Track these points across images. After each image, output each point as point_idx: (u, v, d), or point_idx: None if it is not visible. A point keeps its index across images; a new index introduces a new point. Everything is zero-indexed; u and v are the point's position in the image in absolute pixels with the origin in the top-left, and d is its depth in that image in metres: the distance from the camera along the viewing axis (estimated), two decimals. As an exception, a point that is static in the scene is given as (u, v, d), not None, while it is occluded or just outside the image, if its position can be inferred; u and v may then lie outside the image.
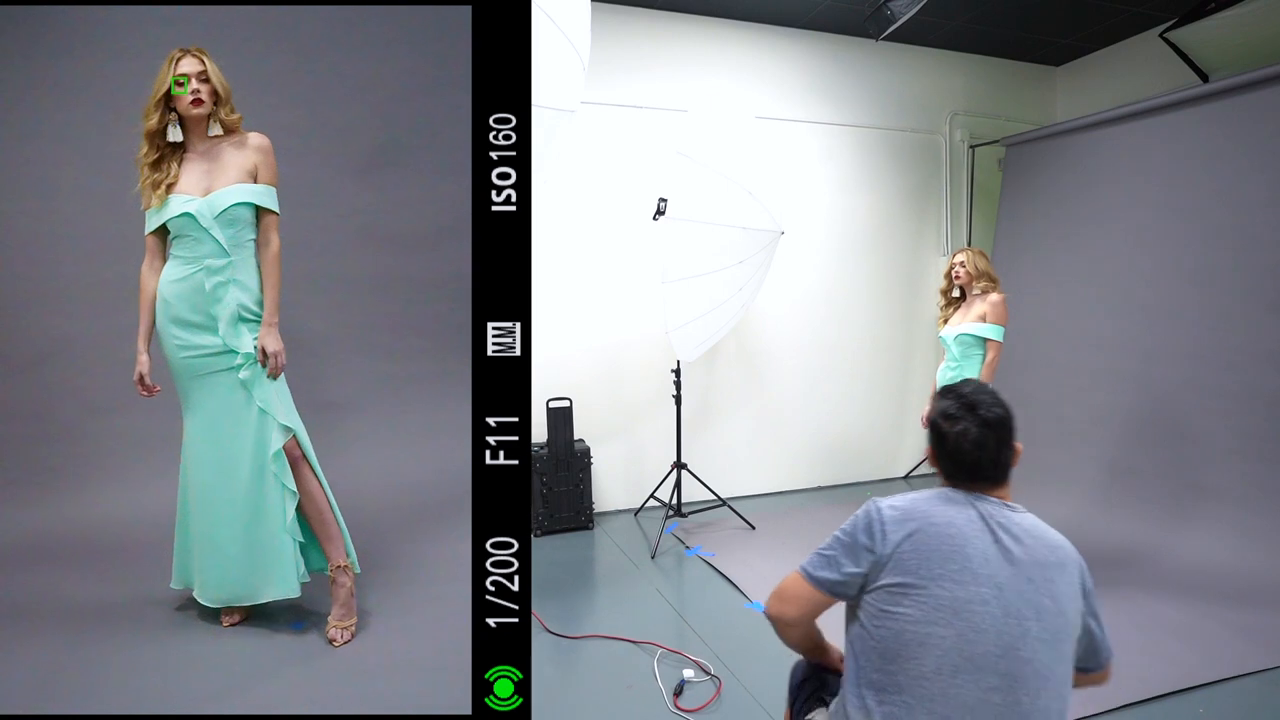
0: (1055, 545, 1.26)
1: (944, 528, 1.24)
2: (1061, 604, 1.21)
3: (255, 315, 2.31)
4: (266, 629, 2.42)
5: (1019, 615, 1.18)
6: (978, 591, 1.19)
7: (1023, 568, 1.21)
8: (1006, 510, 1.28)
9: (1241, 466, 3.53)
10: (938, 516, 1.26)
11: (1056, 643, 1.19)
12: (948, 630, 1.18)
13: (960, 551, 1.22)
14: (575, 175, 4.28)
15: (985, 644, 1.17)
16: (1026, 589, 1.20)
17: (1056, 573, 1.22)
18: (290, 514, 2.32)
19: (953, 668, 1.17)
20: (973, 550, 1.22)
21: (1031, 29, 4.80)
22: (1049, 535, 1.27)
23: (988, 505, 1.28)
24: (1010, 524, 1.25)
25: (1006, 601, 1.18)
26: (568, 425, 4.06)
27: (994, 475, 1.31)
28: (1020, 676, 1.16)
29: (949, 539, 1.23)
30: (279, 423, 2.30)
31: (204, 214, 2.22)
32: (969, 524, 1.25)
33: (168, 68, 2.20)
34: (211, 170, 2.27)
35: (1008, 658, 1.17)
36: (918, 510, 1.28)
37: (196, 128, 2.26)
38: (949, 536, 1.23)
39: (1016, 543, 1.23)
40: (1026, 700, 1.16)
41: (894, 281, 5.19)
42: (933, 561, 1.22)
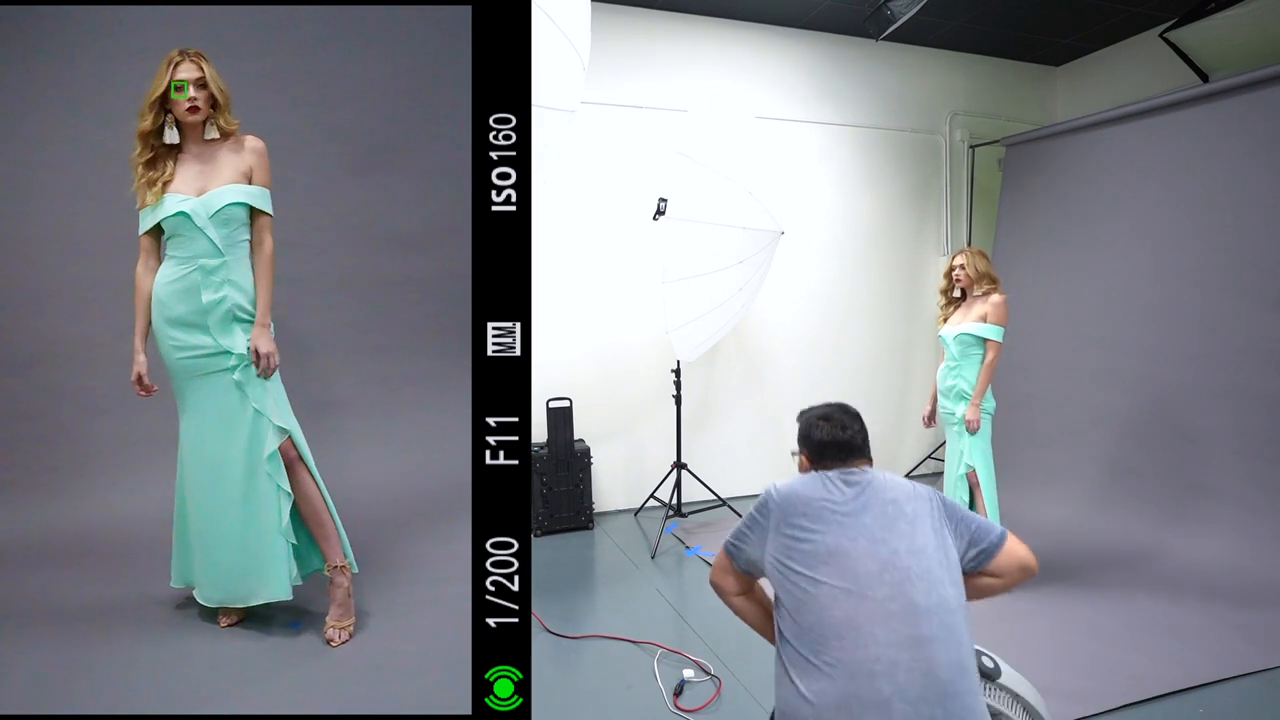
0: (902, 485, 1.52)
1: (813, 493, 1.50)
2: (916, 522, 1.44)
3: (249, 315, 2.31)
4: (264, 629, 2.42)
5: (884, 538, 1.40)
6: (845, 532, 1.42)
7: (875, 503, 1.46)
8: (855, 473, 1.54)
9: (1241, 466, 3.53)
10: (807, 487, 1.52)
11: (925, 550, 1.40)
12: (832, 569, 1.38)
13: (826, 508, 1.46)
14: (575, 175, 4.28)
15: (865, 567, 1.37)
16: (882, 518, 1.44)
17: (905, 503, 1.47)
18: (284, 516, 2.32)
19: (845, 593, 1.35)
20: (835, 503, 1.47)
21: (1031, 29, 4.80)
22: (891, 479, 1.54)
23: (842, 474, 1.54)
24: (867, 479, 1.52)
25: (871, 531, 1.41)
26: (568, 425, 4.06)
27: (863, 449, 1.62)
28: (907, 581, 1.35)
29: (818, 501, 1.48)
30: (274, 424, 2.30)
31: (199, 213, 2.22)
32: (832, 488, 1.50)
33: (165, 70, 2.20)
34: (206, 171, 2.27)
35: (889, 569, 1.36)
36: (797, 485, 1.54)
37: (193, 131, 2.27)
38: (818, 500, 1.48)
39: (870, 491, 1.49)
40: (921, 599, 1.33)
41: (894, 281, 5.19)
42: (806, 519, 1.46)
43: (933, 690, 1.26)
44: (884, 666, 1.27)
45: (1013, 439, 4.26)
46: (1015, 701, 1.57)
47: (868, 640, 1.29)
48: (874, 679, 1.26)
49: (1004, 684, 1.57)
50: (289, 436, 2.33)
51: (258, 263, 2.33)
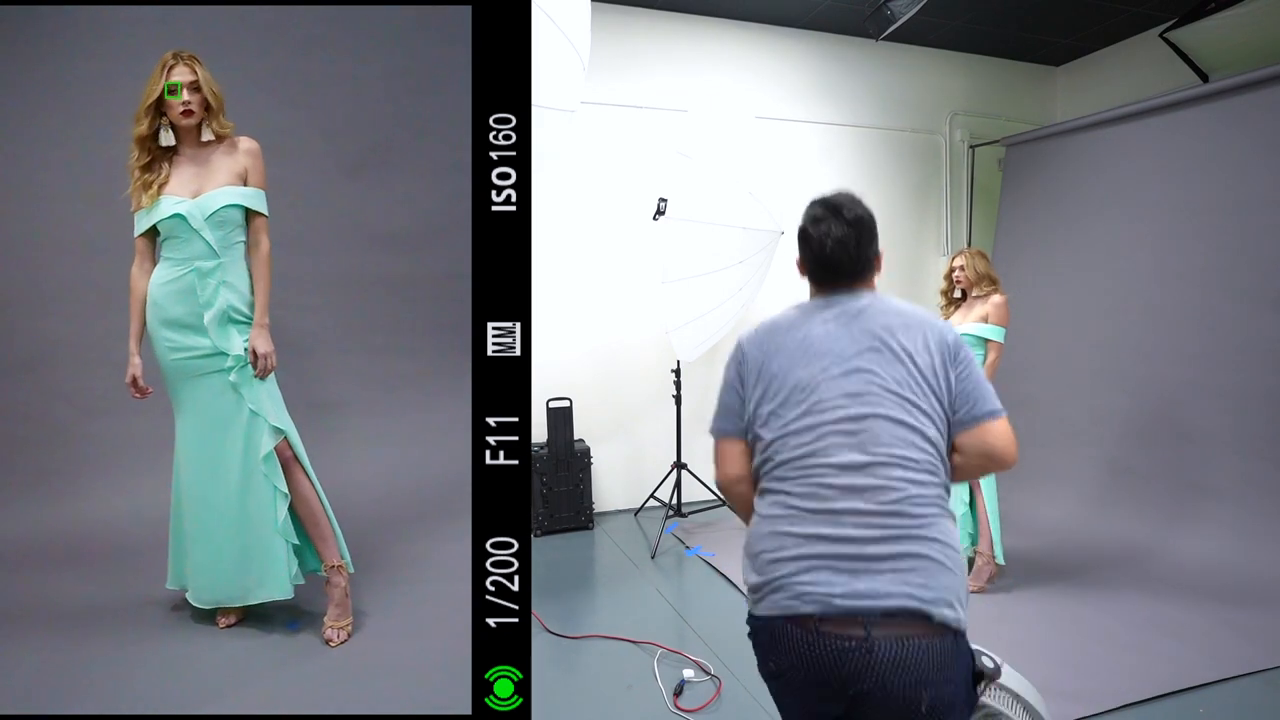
0: (894, 310, 1.33)
1: (792, 331, 1.34)
2: (905, 354, 1.26)
3: (245, 317, 2.31)
4: (263, 630, 2.42)
5: (860, 370, 1.26)
6: (820, 364, 1.28)
7: (862, 326, 1.29)
8: (848, 299, 1.35)
9: (1242, 466, 3.53)
10: (788, 325, 1.36)
11: (910, 386, 1.25)
12: (800, 408, 1.27)
13: (804, 343, 1.31)
14: (575, 175, 4.28)
15: (833, 407, 1.25)
16: (866, 342, 1.28)
17: (901, 332, 1.28)
18: (282, 515, 2.32)
19: (810, 432, 1.25)
20: (814, 335, 1.31)
21: (1031, 29, 4.80)
22: (888, 305, 1.34)
23: (830, 301, 1.36)
24: (856, 306, 1.33)
25: (848, 361, 1.27)
26: (568, 425, 4.06)
27: (854, 271, 1.37)
28: (866, 428, 1.23)
29: (796, 339, 1.32)
30: (270, 424, 2.30)
31: (194, 215, 2.22)
32: (816, 320, 1.34)
33: (160, 73, 2.20)
34: (201, 173, 2.27)
35: (865, 416, 1.23)
36: (775, 325, 1.37)
37: (188, 134, 2.27)
38: (797, 338, 1.32)
39: (859, 315, 1.31)
40: (890, 439, 1.22)
41: (894, 282, 5.18)
42: (782, 357, 1.31)
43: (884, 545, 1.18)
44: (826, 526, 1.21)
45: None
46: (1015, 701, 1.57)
47: (822, 488, 1.23)
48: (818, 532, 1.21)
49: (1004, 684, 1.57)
50: (284, 437, 2.34)
51: (254, 263, 2.33)
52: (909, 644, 1.14)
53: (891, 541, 1.17)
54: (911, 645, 1.14)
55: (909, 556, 1.17)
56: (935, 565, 1.17)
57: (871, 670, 1.13)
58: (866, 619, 1.14)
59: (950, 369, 1.28)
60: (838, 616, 1.15)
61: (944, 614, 1.15)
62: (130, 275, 2.32)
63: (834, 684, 1.17)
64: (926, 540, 1.18)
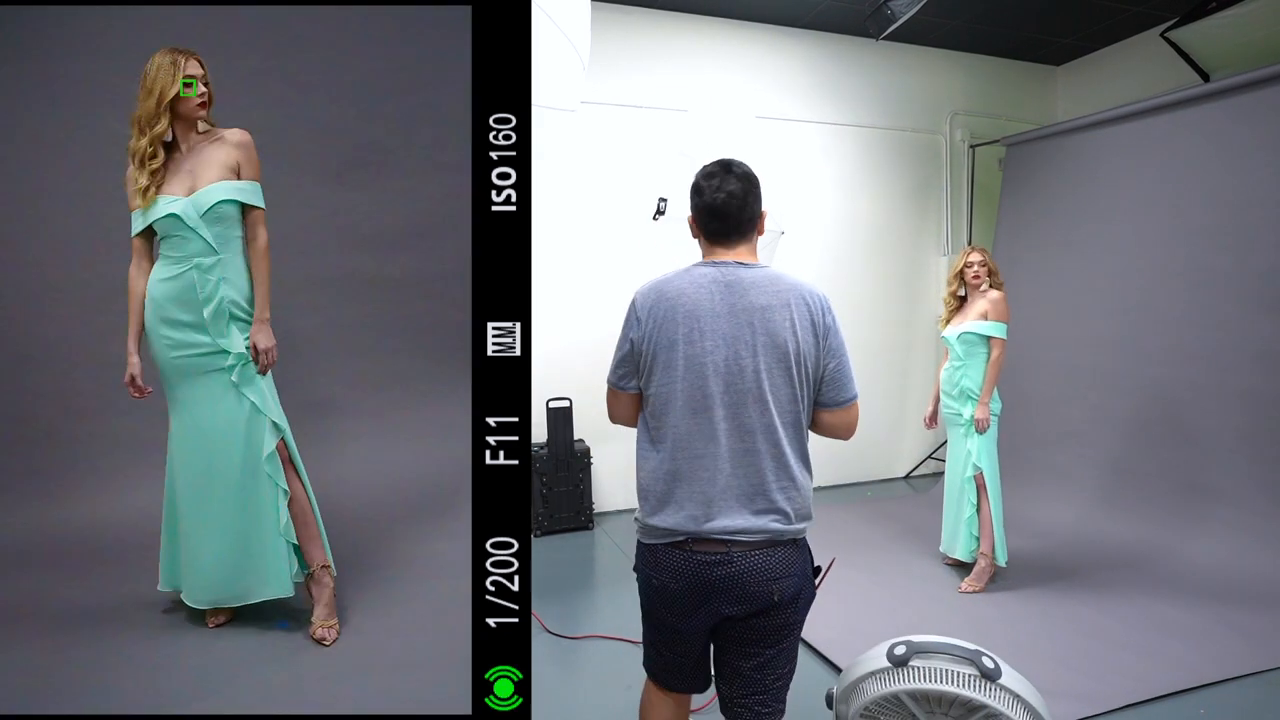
0: (777, 290, 1.47)
1: (681, 298, 1.48)
2: (779, 339, 1.45)
3: (245, 313, 2.31)
4: (255, 630, 2.41)
5: (739, 356, 1.44)
6: (707, 342, 1.45)
7: (740, 313, 1.45)
8: (741, 269, 1.50)
9: (1242, 467, 3.52)
10: (677, 287, 1.50)
11: (777, 370, 1.45)
12: (689, 378, 1.46)
13: (693, 315, 1.47)
14: (575, 175, 4.28)
15: (714, 385, 1.44)
16: (745, 332, 1.45)
17: (775, 313, 1.45)
18: (284, 514, 2.32)
19: (691, 409, 1.46)
20: (703, 311, 1.47)
21: (1031, 29, 4.79)
22: (775, 282, 1.49)
23: (725, 267, 1.51)
24: (741, 279, 1.49)
25: (729, 347, 1.44)
26: (568, 425, 4.06)
27: (740, 222, 1.53)
28: (743, 404, 1.44)
29: (684, 308, 1.47)
30: (271, 422, 2.30)
31: (189, 213, 2.22)
32: (703, 289, 1.48)
33: (172, 71, 2.19)
34: (194, 170, 2.27)
35: (731, 391, 1.44)
36: (665, 286, 1.52)
37: (184, 129, 2.27)
38: (685, 305, 1.47)
39: (742, 295, 1.47)
40: (749, 420, 1.45)
41: (894, 281, 5.18)
42: (671, 322, 1.47)
43: (751, 487, 1.46)
44: (691, 480, 1.47)
45: (1014, 439, 4.25)
46: (1016, 702, 1.57)
47: (695, 453, 1.46)
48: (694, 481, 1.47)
49: (1005, 684, 1.57)
50: (282, 436, 2.34)
51: (253, 257, 2.32)
52: (760, 557, 1.46)
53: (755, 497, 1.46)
54: (762, 557, 1.47)
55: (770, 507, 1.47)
56: (785, 507, 1.48)
57: (732, 576, 1.46)
58: (731, 540, 1.45)
59: (820, 353, 1.49)
60: (697, 538, 1.47)
61: (783, 531, 1.47)
62: (128, 275, 2.32)
63: (703, 591, 1.48)
64: (782, 497, 1.47)
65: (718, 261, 1.53)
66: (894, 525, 4.11)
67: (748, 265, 1.52)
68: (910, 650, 1.63)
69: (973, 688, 1.56)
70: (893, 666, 1.64)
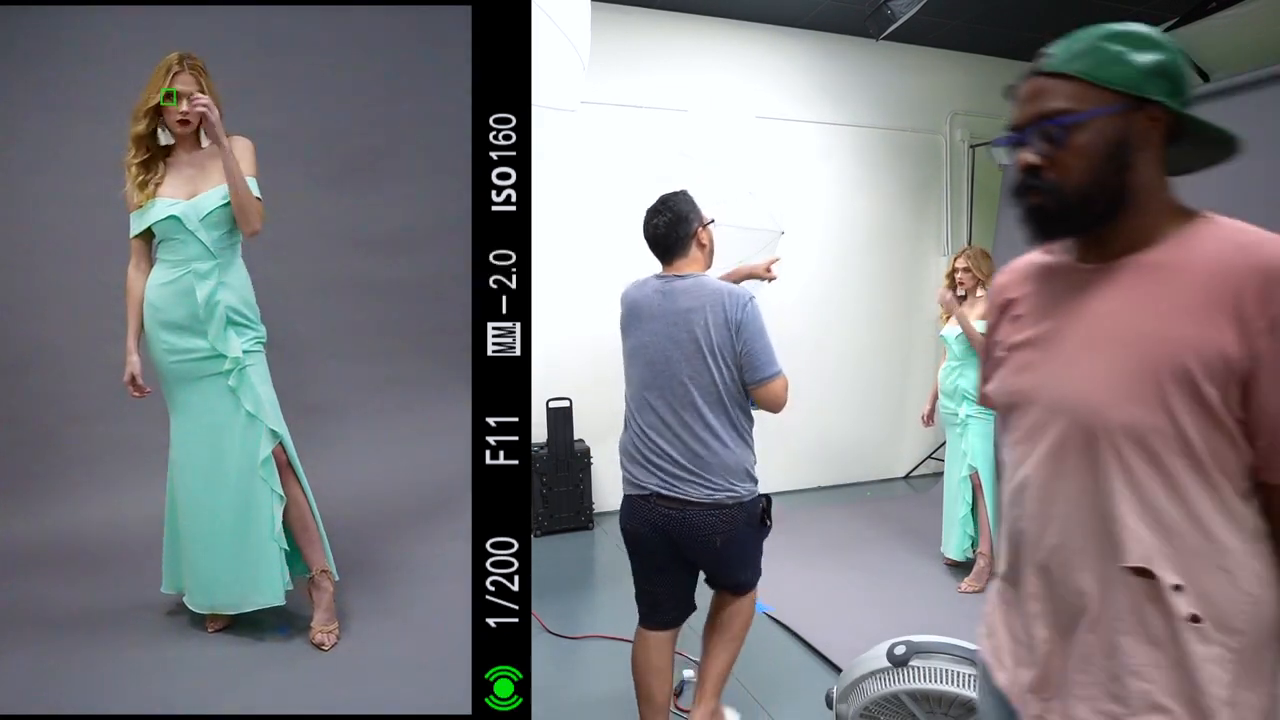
0: (699, 295, 1.87)
1: (635, 303, 1.99)
2: (699, 334, 1.84)
3: (244, 318, 2.30)
4: (255, 634, 2.41)
5: (667, 347, 1.86)
6: (646, 339, 1.91)
7: (670, 315, 1.88)
8: (676, 280, 1.94)
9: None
10: (633, 297, 2.02)
11: (695, 359, 1.84)
12: (635, 367, 1.94)
13: (639, 315, 1.95)
14: (575, 175, 4.28)
15: (655, 368, 1.88)
16: (672, 329, 1.87)
17: (695, 314, 1.85)
18: (278, 521, 2.32)
19: (642, 385, 1.91)
20: (645, 312, 1.93)
21: (1031, 29, 4.80)
22: (700, 289, 1.88)
23: (665, 279, 1.97)
24: (672, 287, 1.92)
25: (661, 340, 1.87)
26: (568, 425, 4.06)
27: (671, 249, 2.00)
28: (675, 384, 1.85)
29: (636, 308, 1.97)
30: (267, 428, 2.29)
31: (189, 217, 2.22)
32: (648, 296, 1.96)
33: (162, 77, 2.18)
34: (197, 175, 2.26)
35: (666, 374, 1.87)
36: (627, 297, 2.05)
37: (185, 137, 2.26)
38: (637, 307, 1.97)
39: (671, 299, 1.90)
40: (675, 399, 1.86)
41: (894, 281, 5.19)
42: (629, 324, 1.98)
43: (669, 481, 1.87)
44: (646, 448, 1.90)
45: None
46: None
47: (642, 428, 1.91)
48: (644, 453, 1.91)
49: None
50: (280, 442, 2.33)
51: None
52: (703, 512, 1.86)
53: (693, 467, 1.85)
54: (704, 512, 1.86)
55: (706, 475, 1.85)
56: (721, 476, 1.85)
57: (684, 525, 1.87)
58: (680, 499, 1.85)
59: (735, 341, 1.83)
60: (658, 495, 1.88)
61: (719, 498, 1.85)
62: (127, 276, 2.31)
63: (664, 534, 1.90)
64: (717, 465, 1.84)
65: (661, 274, 2.00)
66: (894, 525, 4.11)
67: (682, 276, 1.94)
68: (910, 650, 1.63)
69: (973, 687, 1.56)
70: (893, 666, 1.64)
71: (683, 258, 1.99)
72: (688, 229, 2.00)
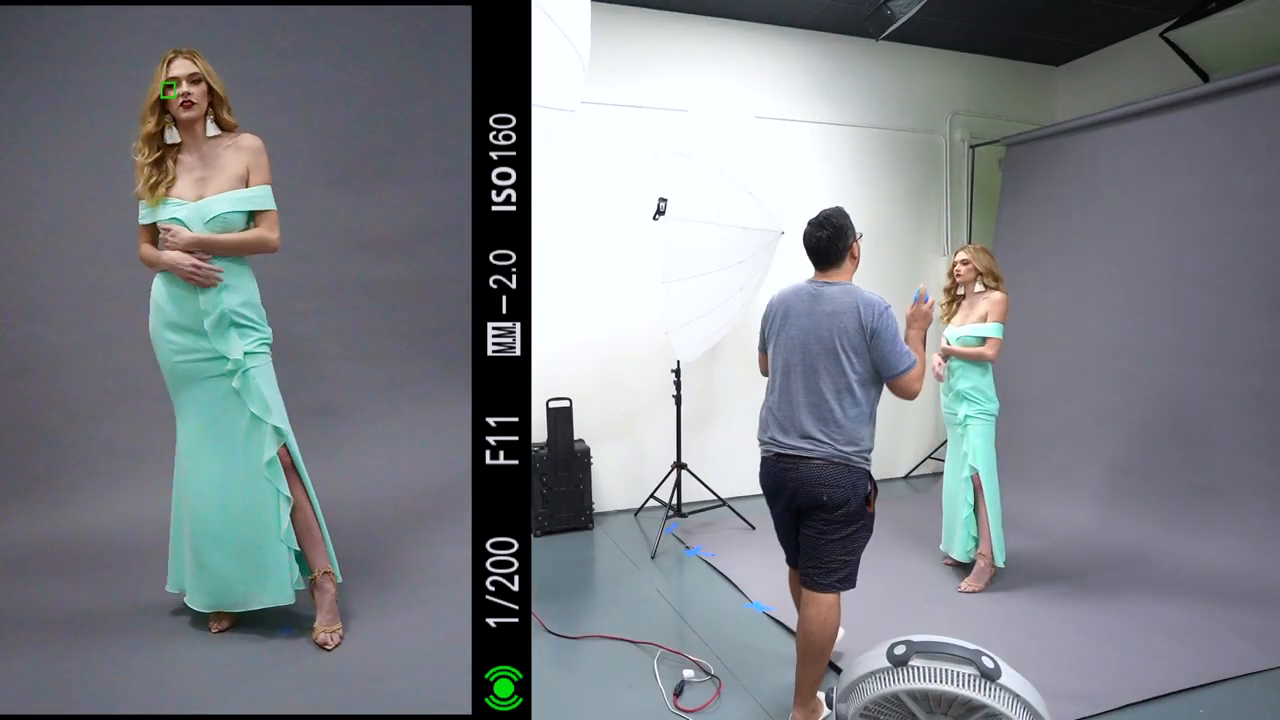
0: (842, 301, 2.16)
1: (788, 303, 2.29)
2: (836, 334, 2.14)
3: (247, 320, 2.30)
4: (258, 634, 2.41)
5: (810, 342, 2.18)
6: (793, 332, 2.23)
7: (816, 315, 2.19)
8: (824, 285, 2.23)
9: (1242, 467, 3.52)
10: (786, 298, 2.31)
11: (830, 354, 2.15)
12: (782, 354, 2.26)
13: (789, 313, 2.26)
14: (575, 175, 4.28)
15: (798, 357, 2.20)
16: (816, 327, 2.18)
17: (836, 318, 2.15)
18: (285, 521, 2.32)
19: (787, 368, 2.23)
20: (794, 311, 2.25)
21: (1031, 29, 4.80)
22: (845, 295, 2.17)
23: (816, 284, 2.25)
24: (821, 292, 2.22)
25: (806, 335, 2.19)
26: (568, 425, 4.06)
27: (828, 258, 2.25)
28: (811, 371, 2.18)
29: (788, 307, 2.28)
30: (271, 428, 2.29)
31: (193, 219, 2.22)
32: (801, 298, 2.26)
33: (161, 70, 2.20)
34: (207, 174, 2.26)
35: (805, 362, 2.19)
36: (781, 298, 2.33)
37: (191, 129, 2.26)
38: (788, 306, 2.28)
39: (818, 302, 2.20)
40: (811, 381, 2.18)
41: (894, 281, 5.17)
42: (781, 320, 2.28)
43: (792, 441, 2.20)
44: (778, 417, 2.25)
45: (1014, 440, 4.26)
46: (1016, 701, 1.57)
47: (783, 398, 2.24)
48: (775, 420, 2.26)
49: (1004, 684, 1.57)
50: (285, 443, 2.33)
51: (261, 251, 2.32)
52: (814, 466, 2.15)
53: (813, 432, 2.17)
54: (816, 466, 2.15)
55: (824, 439, 2.15)
56: (833, 442, 2.15)
57: (801, 478, 2.16)
58: (798, 455, 2.17)
59: (867, 343, 2.13)
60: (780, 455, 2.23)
61: (832, 456, 2.14)
62: (140, 255, 2.30)
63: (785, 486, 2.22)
64: (832, 434, 2.15)
65: (813, 280, 2.28)
66: (894, 525, 4.11)
67: (830, 283, 2.23)
68: (910, 650, 1.63)
69: (972, 687, 1.56)
70: (893, 666, 1.64)
71: (836, 268, 2.25)
72: (845, 243, 2.24)
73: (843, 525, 2.14)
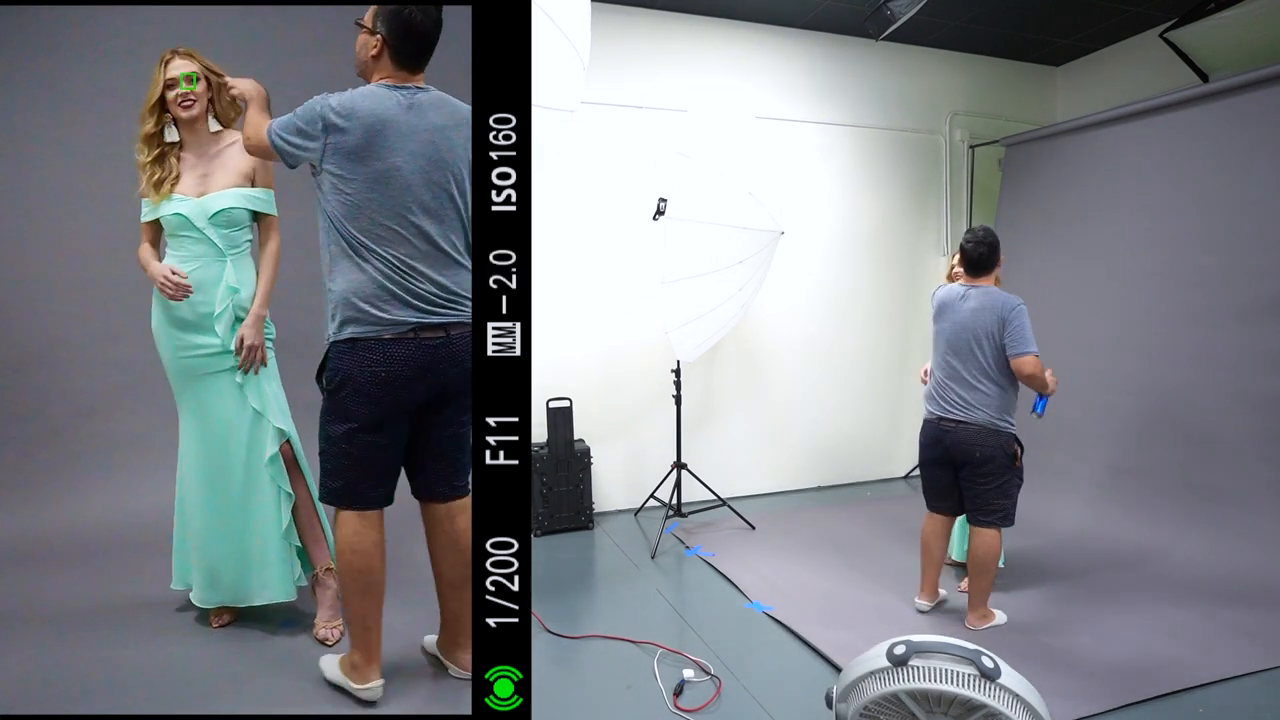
0: (985, 301, 2.76)
1: (944, 301, 2.91)
2: (979, 328, 2.75)
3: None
4: (259, 630, 2.42)
5: (961, 332, 2.78)
6: (950, 325, 2.85)
7: (966, 312, 2.79)
8: (973, 289, 2.83)
9: (1242, 467, 3.52)
10: (944, 298, 2.93)
11: (974, 342, 2.76)
12: (942, 341, 2.87)
13: (946, 310, 2.89)
14: (575, 175, 4.28)
15: (953, 344, 2.81)
16: (967, 320, 2.78)
17: (979, 314, 2.76)
18: (286, 518, 2.33)
19: (946, 352, 2.85)
20: (949, 308, 2.88)
21: (1031, 29, 4.80)
22: (985, 297, 2.76)
23: (967, 288, 2.85)
24: (969, 293, 2.82)
25: (959, 328, 2.81)
26: (568, 425, 4.06)
27: (981, 267, 2.85)
28: (964, 354, 2.79)
29: (945, 305, 2.91)
30: (274, 426, 2.30)
31: (197, 215, 2.23)
32: (954, 298, 2.87)
33: (159, 70, 2.21)
34: (210, 173, 2.27)
35: (958, 347, 2.80)
36: (941, 293, 2.97)
37: (192, 127, 2.27)
38: (945, 304, 2.91)
39: (968, 301, 2.81)
40: (966, 362, 2.78)
41: (893, 282, 5.19)
42: (941, 313, 2.92)
43: (950, 409, 2.82)
44: (940, 390, 2.87)
45: (1013, 439, 4.25)
46: (1015, 701, 1.57)
47: (943, 375, 2.87)
48: (938, 392, 2.88)
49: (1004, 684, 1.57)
50: (288, 440, 2.34)
51: (262, 258, 2.33)
52: (969, 429, 2.78)
53: (966, 402, 2.79)
54: (970, 429, 2.78)
55: (974, 407, 2.77)
56: (983, 409, 2.76)
57: (957, 438, 2.80)
58: (955, 420, 2.80)
59: (1000, 333, 2.72)
60: (941, 418, 2.85)
61: (982, 421, 2.76)
62: (139, 255, 2.30)
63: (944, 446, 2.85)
64: (981, 403, 2.76)
65: (965, 284, 2.87)
66: (894, 526, 4.11)
67: (978, 287, 2.82)
68: (910, 650, 1.63)
69: (972, 687, 1.56)
70: (892, 666, 1.64)
71: (985, 276, 2.85)
72: (994, 258, 2.86)
73: (995, 476, 2.73)
